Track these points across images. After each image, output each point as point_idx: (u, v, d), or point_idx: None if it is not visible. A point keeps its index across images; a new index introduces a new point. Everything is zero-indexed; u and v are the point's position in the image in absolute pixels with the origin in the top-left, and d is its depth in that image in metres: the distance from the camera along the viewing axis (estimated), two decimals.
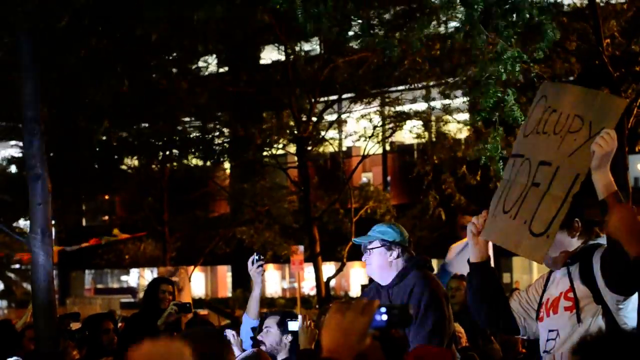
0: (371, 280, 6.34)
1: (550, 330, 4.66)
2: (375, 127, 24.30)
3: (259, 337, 6.64)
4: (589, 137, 4.37)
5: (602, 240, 4.55)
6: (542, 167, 4.57)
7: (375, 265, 6.03)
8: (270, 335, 6.60)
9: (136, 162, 29.22)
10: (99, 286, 45.46)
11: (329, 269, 28.93)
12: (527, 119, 4.93)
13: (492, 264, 5.11)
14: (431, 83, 23.01)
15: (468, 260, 4.94)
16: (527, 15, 8.84)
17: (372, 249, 6.03)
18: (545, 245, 4.45)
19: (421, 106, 24.49)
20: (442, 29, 18.72)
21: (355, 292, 36.44)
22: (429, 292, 5.83)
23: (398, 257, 6.01)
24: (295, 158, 24.83)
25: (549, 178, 4.50)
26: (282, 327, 6.66)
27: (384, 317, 2.93)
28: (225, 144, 25.70)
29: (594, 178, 4.34)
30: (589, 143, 4.34)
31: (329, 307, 2.95)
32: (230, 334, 6.73)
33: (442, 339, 5.73)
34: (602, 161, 4.31)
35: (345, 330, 2.85)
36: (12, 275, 39.80)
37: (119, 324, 10.19)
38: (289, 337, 6.53)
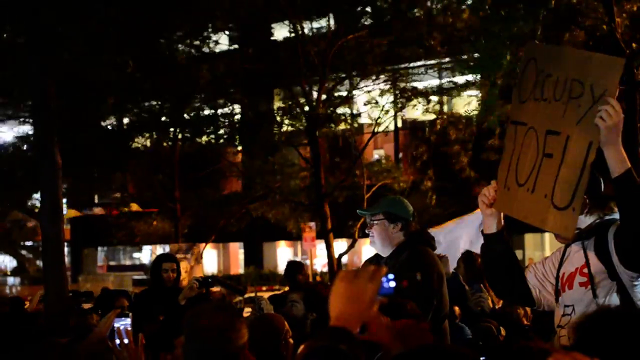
0: (377, 254, 6.36)
1: (566, 306, 4.61)
2: (383, 107, 24.22)
3: (284, 310, 6.67)
4: (592, 102, 4.20)
5: (618, 215, 4.49)
6: (551, 137, 4.44)
7: (376, 237, 6.06)
8: (296, 309, 6.62)
9: (148, 141, 29.24)
10: (111, 263, 45.59)
11: (340, 245, 28.95)
12: (519, 84, 4.77)
13: None
14: (444, 60, 22.97)
15: (481, 231, 4.90)
16: None
17: (375, 220, 6.05)
18: (573, 218, 4.30)
19: (432, 82, 24.42)
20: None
21: None
22: (421, 269, 5.82)
23: (400, 230, 6.02)
24: (307, 135, 24.78)
25: (560, 148, 4.37)
26: (307, 303, 6.68)
27: (392, 284, 2.89)
28: (236, 122, 25.64)
29: (605, 155, 4.19)
30: (595, 108, 4.17)
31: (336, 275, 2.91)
32: (264, 301, 6.82)
33: (427, 315, 5.75)
34: (610, 135, 4.14)
35: (352, 297, 2.81)
36: (24, 252, 39.96)
37: None
38: (314, 315, 6.54)
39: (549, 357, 2.47)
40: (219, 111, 26.17)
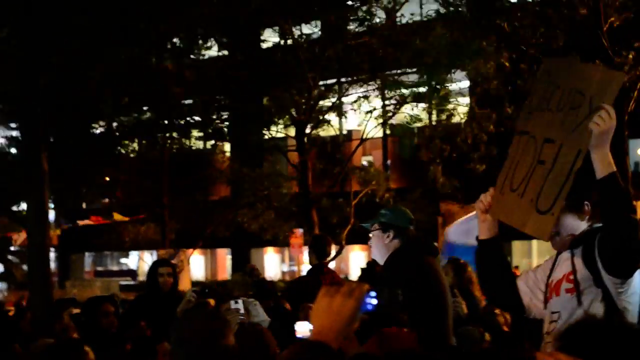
0: (368, 263, 6.46)
1: (552, 312, 4.67)
2: (372, 110, 24.24)
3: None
4: (589, 113, 4.28)
5: None
6: (547, 145, 4.52)
7: (373, 247, 6.19)
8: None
9: (136, 146, 29.21)
10: (99, 269, 45.40)
11: None
12: (531, 97, 4.87)
13: None
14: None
15: (476, 237, 4.94)
16: None
17: (372, 231, 6.18)
18: (550, 222, 4.42)
19: (421, 90, 24.45)
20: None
21: (354, 275, 36.45)
22: (411, 276, 5.84)
23: (394, 238, 6.06)
24: (295, 141, 24.76)
25: (553, 155, 4.45)
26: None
27: (374, 301, 2.91)
28: (225, 125, 25.59)
29: (592, 157, 4.27)
30: (590, 118, 4.25)
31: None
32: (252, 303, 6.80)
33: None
34: (600, 140, 4.23)
35: (333, 313, 2.83)
36: (12, 257, 39.79)
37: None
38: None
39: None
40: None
